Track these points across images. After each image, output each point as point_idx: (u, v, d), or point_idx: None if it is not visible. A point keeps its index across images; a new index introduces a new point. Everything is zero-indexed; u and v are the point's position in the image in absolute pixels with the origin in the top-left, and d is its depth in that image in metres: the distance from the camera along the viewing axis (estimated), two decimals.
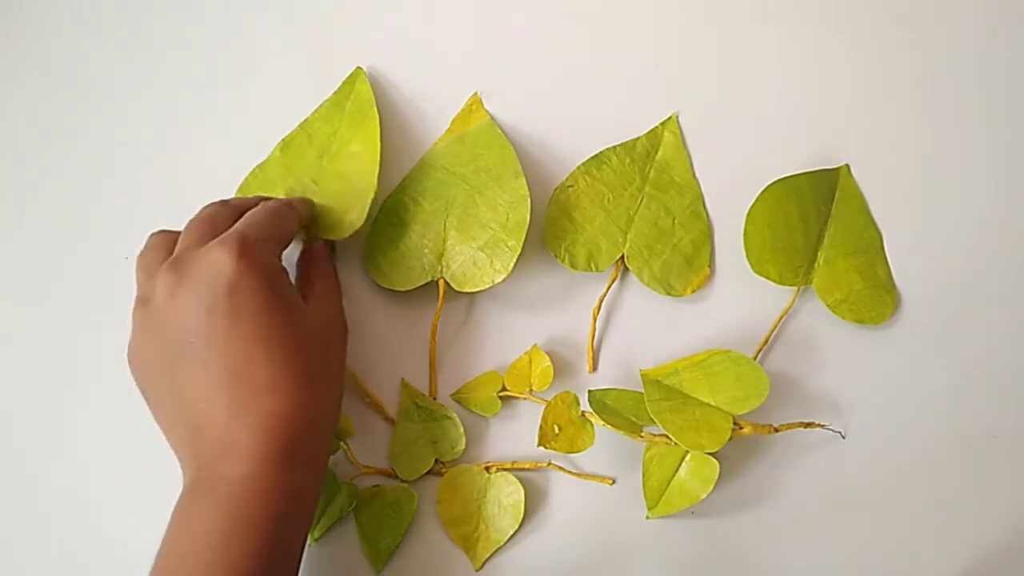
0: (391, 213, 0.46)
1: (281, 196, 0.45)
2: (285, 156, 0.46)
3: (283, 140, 0.47)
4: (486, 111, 0.48)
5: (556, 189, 0.47)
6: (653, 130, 0.48)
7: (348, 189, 0.45)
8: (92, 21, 0.50)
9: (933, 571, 0.43)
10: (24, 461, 0.45)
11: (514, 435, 0.45)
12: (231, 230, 0.37)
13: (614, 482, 0.44)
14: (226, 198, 0.42)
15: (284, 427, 0.36)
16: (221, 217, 0.39)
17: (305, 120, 0.47)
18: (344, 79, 0.47)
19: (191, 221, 0.40)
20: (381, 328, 0.46)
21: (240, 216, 0.40)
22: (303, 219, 0.43)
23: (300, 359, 0.37)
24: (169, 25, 0.50)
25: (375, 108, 0.46)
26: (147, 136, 0.49)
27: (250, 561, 0.33)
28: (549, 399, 0.43)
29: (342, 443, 0.44)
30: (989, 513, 0.44)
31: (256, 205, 0.41)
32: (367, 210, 0.44)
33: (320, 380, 0.38)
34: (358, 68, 0.48)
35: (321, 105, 0.47)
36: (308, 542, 0.42)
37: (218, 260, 0.36)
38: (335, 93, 0.47)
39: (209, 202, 0.41)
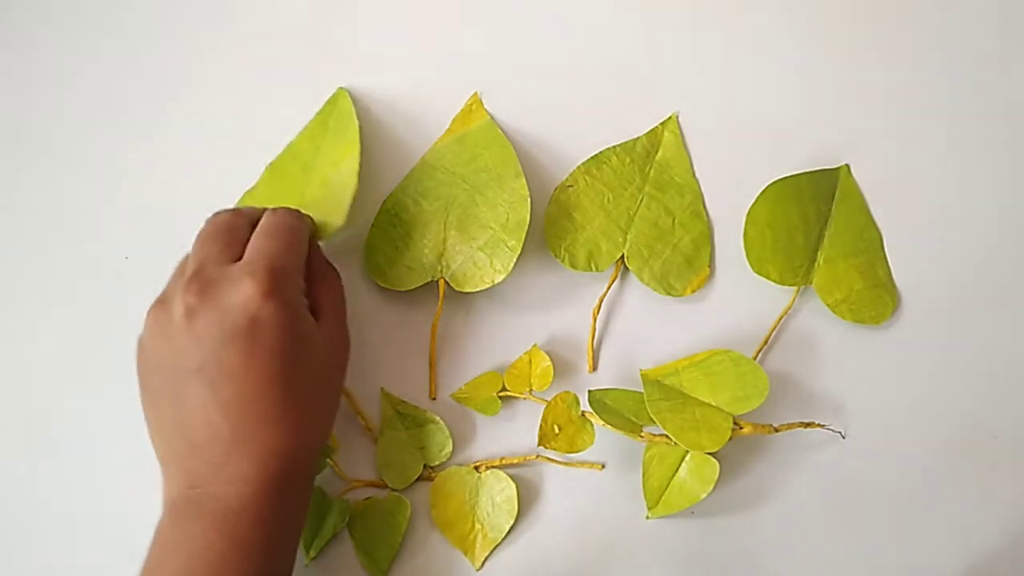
0: (391, 213, 0.46)
1: None
2: (272, 178, 0.46)
3: (270, 164, 0.46)
4: (486, 111, 0.48)
5: (556, 189, 0.47)
6: (653, 130, 0.48)
7: (329, 193, 0.44)
8: (96, 26, 0.51)
9: (933, 571, 0.43)
10: (23, 462, 0.45)
11: (502, 433, 0.45)
12: (259, 258, 0.37)
13: (604, 467, 0.44)
14: (235, 207, 0.41)
15: (286, 456, 0.36)
16: (238, 229, 0.39)
17: (290, 143, 0.47)
18: (327, 100, 0.47)
19: (204, 231, 0.39)
20: (381, 328, 0.46)
21: (254, 226, 0.39)
22: (311, 232, 0.42)
23: (309, 393, 0.37)
24: (171, 30, 0.50)
25: (356, 119, 0.45)
26: (147, 137, 0.49)
27: None
28: (549, 399, 0.43)
29: (328, 459, 0.44)
30: (989, 513, 0.44)
31: (265, 215, 0.40)
32: (347, 208, 0.42)
33: (322, 409, 0.39)
34: (340, 89, 0.47)
35: (305, 127, 0.47)
36: (304, 562, 0.43)
37: (246, 293, 0.35)
38: (319, 113, 0.47)
39: (217, 210, 0.40)
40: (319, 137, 0.46)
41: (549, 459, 0.44)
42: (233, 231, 0.39)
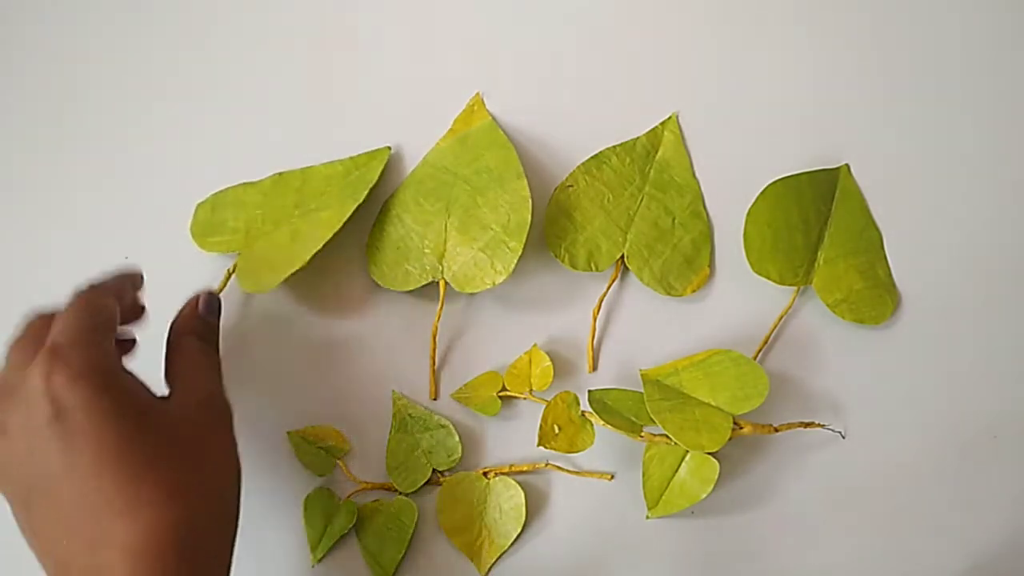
0: (392, 213, 0.46)
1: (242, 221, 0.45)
2: (273, 188, 0.46)
3: (280, 173, 0.47)
4: (487, 111, 0.48)
5: (556, 189, 0.47)
6: (653, 130, 0.48)
7: (284, 249, 0.44)
8: (101, 23, 0.51)
9: (933, 571, 0.43)
10: None
11: (511, 439, 0.45)
12: (46, 345, 0.33)
13: (613, 477, 0.44)
14: (46, 306, 0.37)
15: (152, 550, 0.31)
16: (40, 327, 0.35)
17: (309, 168, 0.47)
18: (368, 152, 0.47)
19: (13, 340, 0.35)
20: (381, 328, 0.46)
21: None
22: (129, 296, 0.39)
23: (159, 470, 0.32)
24: (176, 26, 0.51)
25: (367, 189, 0.45)
26: (148, 136, 0.49)
27: None
28: (549, 399, 0.43)
29: (338, 461, 0.44)
30: (989, 513, 0.44)
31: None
32: (281, 278, 0.42)
33: (192, 485, 0.33)
34: (386, 148, 0.47)
35: (332, 163, 0.47)
36: (310, 563, 0.43)
37: (33, 384, 0.31)
38: (351, 159, 0.47)
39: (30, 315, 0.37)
40: (331, 183, 0.46)
41: (559, 467, 0.44)
42: (34, 334, 0.35)
